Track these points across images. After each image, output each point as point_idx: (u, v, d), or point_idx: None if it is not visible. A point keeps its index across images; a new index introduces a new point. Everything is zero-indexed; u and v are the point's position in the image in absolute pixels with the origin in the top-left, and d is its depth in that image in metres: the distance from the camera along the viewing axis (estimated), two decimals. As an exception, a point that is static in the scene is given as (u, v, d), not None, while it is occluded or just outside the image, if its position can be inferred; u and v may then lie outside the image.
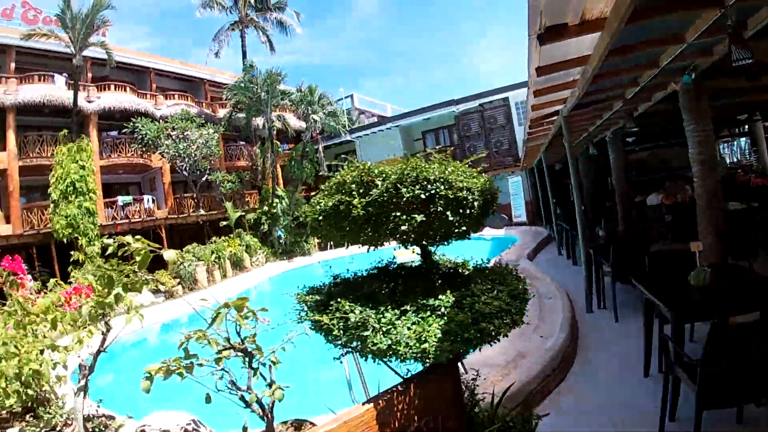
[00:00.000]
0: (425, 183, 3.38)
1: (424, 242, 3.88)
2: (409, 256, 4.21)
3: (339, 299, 3.43)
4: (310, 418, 3.97)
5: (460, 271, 4.12)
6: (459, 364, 3.86)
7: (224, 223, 24.57)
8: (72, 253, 15.51)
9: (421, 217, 3.38)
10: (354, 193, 3.46)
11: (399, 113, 35.66)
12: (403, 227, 3.38)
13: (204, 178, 26.71)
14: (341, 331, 3.28)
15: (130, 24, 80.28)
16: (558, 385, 5.47)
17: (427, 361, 3.06)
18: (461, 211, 3.54)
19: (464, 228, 3.79)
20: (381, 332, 3.13)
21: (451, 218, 3.46)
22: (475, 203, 3.61)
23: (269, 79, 26.82)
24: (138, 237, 2.87)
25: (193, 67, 33.46)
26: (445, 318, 3.17)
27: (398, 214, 3.35)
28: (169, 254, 2.81)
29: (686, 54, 5.68)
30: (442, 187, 3.40)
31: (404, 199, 3.34)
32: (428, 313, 3.23)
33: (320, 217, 3.68)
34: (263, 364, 3.00)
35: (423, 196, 3.34)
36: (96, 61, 26.17)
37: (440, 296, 3.31)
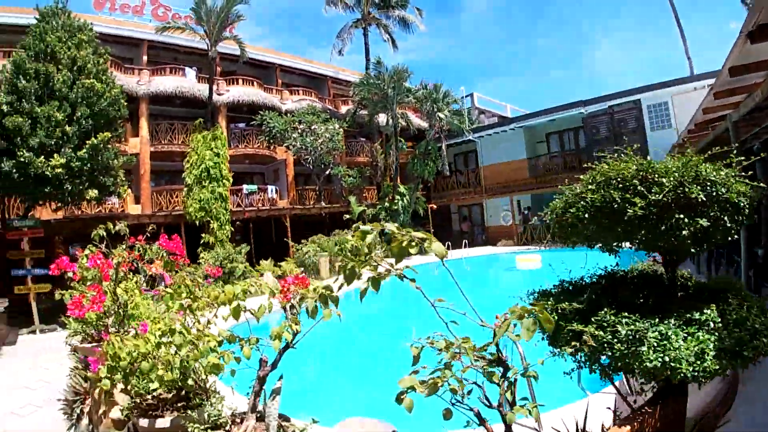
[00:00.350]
0: (706, 184, 3.08)
1: (672, 250, 3.47)
2: (531, 263, 3.44)
3: (604, 309, 3.15)
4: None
5: (689, 284, 3.74)
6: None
7: (347, 216, 23.84)
8: (203, 236, 15.08)
9: (705, 222, 3.05)
10: (631, 190, 3.14)
11: (519, 114, 33.83)
12: (684, 231, 3.05)
13: (326, 172, 26.81)
14: (606, 347, 2.98)
15: (251, 24, 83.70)
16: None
17: (702, 380, 2.84)
18: (736, 217, 3.23)
19: (734, 236, 3.44)
20: (653, 348, 2.84)
21: (728, 224, 3.18)
22: (746, 210, 3.24)
23: (396, 76, 26.22)
24: (415, 229, 2.36)
25: (317, 64, 33.68)
26: (715, 333, 2.92)
27: (681, 216, 3.05)
28: (438, 247, 2.20)
29: None
30: (723, 190, 3.11)
31: (688, 200, 3.04)
32: (695, 327, 2.95)
33: (585, 215, 3.30)
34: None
35: (702, 198, 3.02)
36: (224, 56, 26.90)
37: (704, 310, 3.03)
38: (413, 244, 2.22)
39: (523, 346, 3.57)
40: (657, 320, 2.97)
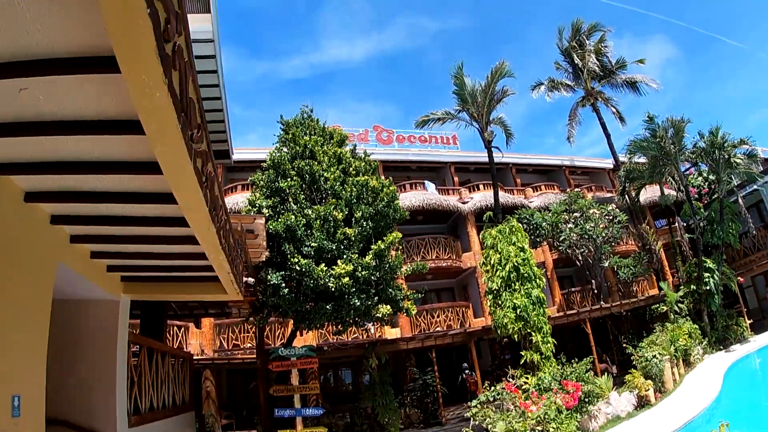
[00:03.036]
0: None
1: None
2: None
3: None
4: None
5: None
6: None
7: (662, 307, 17.65)
8: (522, 353, 10.53)
9: None
10: None
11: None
12: None
13: (605, 264, 21.83)
14: None
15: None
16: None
17: None
18: None
19: None
20: None
21: None
22: None
23: (674, 127, 20.45)
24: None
25: (547, 156, 30.05)
26: None
27: None
28: None
29: None
30: None
31: None
32: None
33: None
34: None
35: None
36: (457, 166, 26.04)
37: None
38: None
39: None
40: None
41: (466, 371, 18.51)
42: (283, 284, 9.37)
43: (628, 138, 22.25)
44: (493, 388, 10.86)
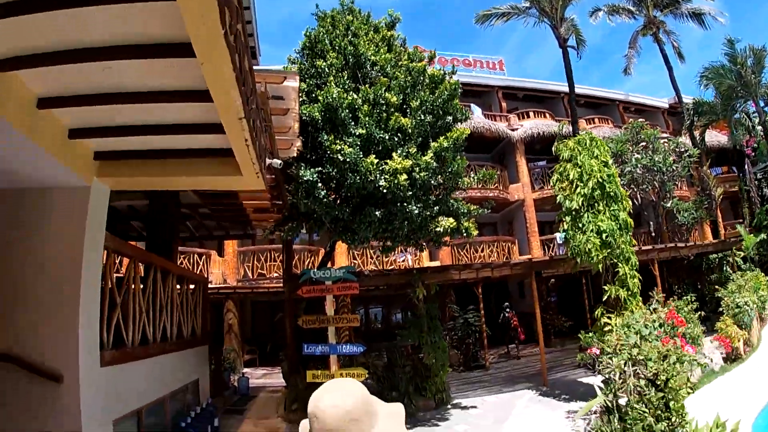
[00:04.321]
0: None
1: None
2: None
3: None
4: None
5: None
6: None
7: (739, 253, 15.26)
8: (605, 287, 8.60)
9: None
10: None
11: None
12: None
13: (667, 205, 19.04)
14: None
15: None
16: None
17: None
18: None
19: None
20: None
21: None
22: None
23: (755, 56, 17.43)
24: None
25: (602, 90, 26.91)
26: None
27: None
28: None
29: None
30: None
31: None
32: None
33: None
34: None
35: None
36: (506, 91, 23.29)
37: None
38: None
39: None
40: None
41: (508, 310, 16.81)
42: (320, 183, 7.19)
43: (702, 66, 19.50)
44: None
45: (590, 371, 10.88)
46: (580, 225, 9.50)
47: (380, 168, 6.91)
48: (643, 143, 17.74)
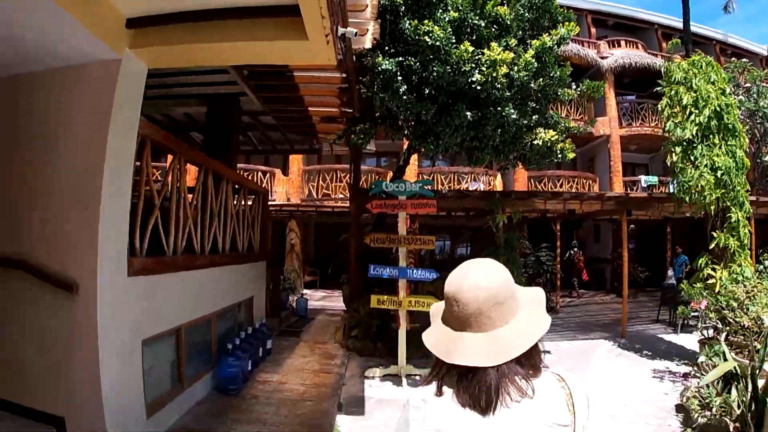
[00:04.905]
0: None
1: None
2: None
3: None
4: None
5: None
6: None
7: None
8: (714, 234, 6.63)
9: None
10: None
11: None
12: None
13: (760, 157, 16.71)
14: None
15: None
16: None
17: None
18: None
19: None
20: None
21: None
22: None
23: None
24: None
25: (699, 26, 23.59)
26: None
27: None
28: None
29: None
30: None
31: None
32: None
33: None
34: None
35: None
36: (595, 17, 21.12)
37: None
38: None
39: None
40: None
41: (575, 248, 15.82)
42: (399, 76, 6.03)
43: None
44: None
45: (670, 329, 10.04)
46: (692, 158, 7.98)
47: (475, 58, 5.68)
48: (747, 86, 15.59)
